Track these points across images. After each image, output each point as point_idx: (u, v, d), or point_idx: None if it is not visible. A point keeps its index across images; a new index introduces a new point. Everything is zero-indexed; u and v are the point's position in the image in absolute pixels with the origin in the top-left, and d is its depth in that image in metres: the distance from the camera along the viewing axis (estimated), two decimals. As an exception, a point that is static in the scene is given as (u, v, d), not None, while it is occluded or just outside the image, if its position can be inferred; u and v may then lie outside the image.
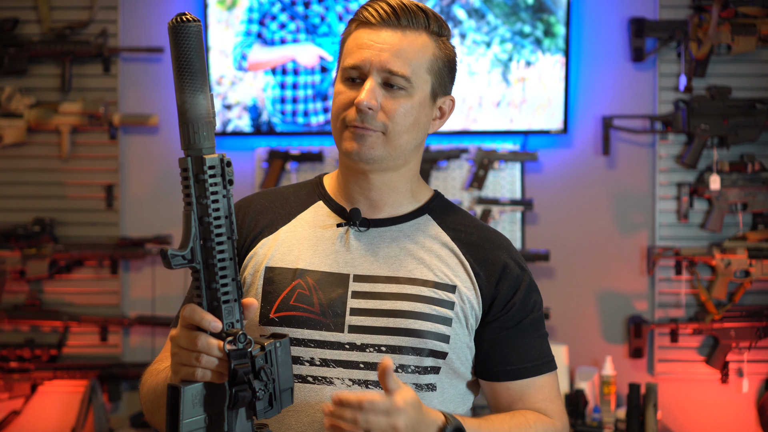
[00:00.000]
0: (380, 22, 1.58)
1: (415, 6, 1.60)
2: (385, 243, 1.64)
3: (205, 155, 1.29)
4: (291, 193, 1.72)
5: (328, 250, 1.62)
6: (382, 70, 1.57)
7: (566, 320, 3.86)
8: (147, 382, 1.60)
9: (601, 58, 3.84)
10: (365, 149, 1.58)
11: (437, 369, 1.60)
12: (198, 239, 1.30)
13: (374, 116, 1.57)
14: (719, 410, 3.82)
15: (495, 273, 1.64)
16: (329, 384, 1.56)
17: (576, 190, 3.87)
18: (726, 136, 3.73)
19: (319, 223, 1.66)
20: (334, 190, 1.70)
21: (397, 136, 1.59)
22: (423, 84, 1.61)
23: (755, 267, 3.67)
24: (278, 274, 1.60)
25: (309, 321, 1.58)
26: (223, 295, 1.31)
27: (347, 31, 1.63)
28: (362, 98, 1.55)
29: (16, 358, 3.79)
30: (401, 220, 1.66)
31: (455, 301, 1.61)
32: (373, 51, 1.57)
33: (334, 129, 1.62)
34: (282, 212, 1.68)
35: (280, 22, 3.77)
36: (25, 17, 3.85)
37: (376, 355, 1.57)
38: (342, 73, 1.60)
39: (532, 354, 1.65)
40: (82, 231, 3.89)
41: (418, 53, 1.59)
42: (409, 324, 1.57)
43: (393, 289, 1.60)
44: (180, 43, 1.28)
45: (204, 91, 1.30)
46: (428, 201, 1.70)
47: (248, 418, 1.36)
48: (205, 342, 1.31)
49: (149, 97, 3.89)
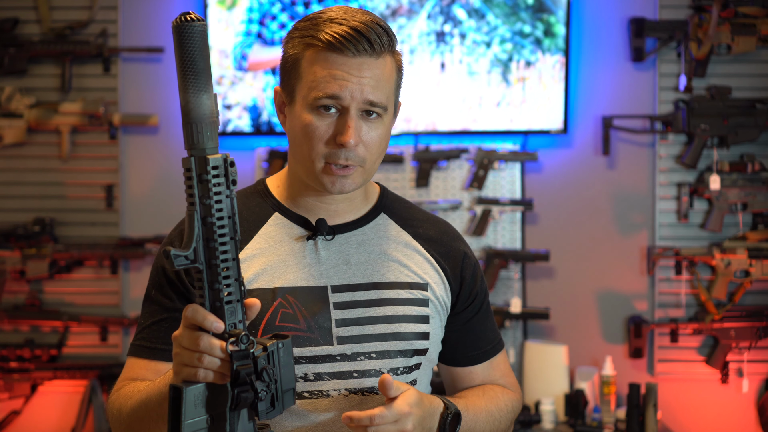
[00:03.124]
0: (355, 53, 1.53)
1: (378, 27, 1.55)
2: (353, 249, 1.64)
3: (208, 155, 1.29)
4: (241, 207, 1.64)
5: (301, 264, 1.61)
6: (363, 102, 1.54)
7: (566, 320, 3.87)
8: (128, 402, 1.53)
9: (601, 58, 3.84)
10: (347, 186, 1.58)
11: (419, 365, 1.65)
12: (201, 239, 1.30)
13: (356, 152, 1.55)
14: (719, 410, 3.82)
15: (458, 264, 1.69)
16: (326, 396, 1.58)
17: (576, 190, 3.87)
18: (726, 136, 3.73)
19: (283, 236, 1.64)
20: (286, 199, 1.67)
21: (373, 164, 1.60)
22: (391, 104, 1.61)
23: (755, 267, 3.67)
24: (257, 296, 1.56)
25: (298, 339, 1.57)
26: (225, 295, 1.31)
27: (300, 53, 1.56)
28: (348, 139, 1.53)
29: (16, 358, 3.79)
30: (361, 222, 1.67)
31: (429, 298, 1.65)
32: (353, 83, 1.53)
33: (305, 157, 1.57)
34: (240, 229, 1.60)
35: (280, 22, 3.77)
36: (25, 17, 3.85)
37: (367, 362, 1.59)
38: (312, 102, 1.54)
39: (489, 336, 1.76)
40: (82, 231, 3.89)
41: (389, 78, 1.58)
42: (394, 328, 1.61)
43: (372, 295, 1.62)
44: (184, 42, 1.27)
45: (208, 91, 1.29)
46: (379, 198, 1.72)
47: (250, 419, 1.35)
48: (207, 342, 1.30)
49: (149, 97, 3.89)
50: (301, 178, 1.63)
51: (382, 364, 1.60)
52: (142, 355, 1.61)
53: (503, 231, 3.85)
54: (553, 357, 3.68)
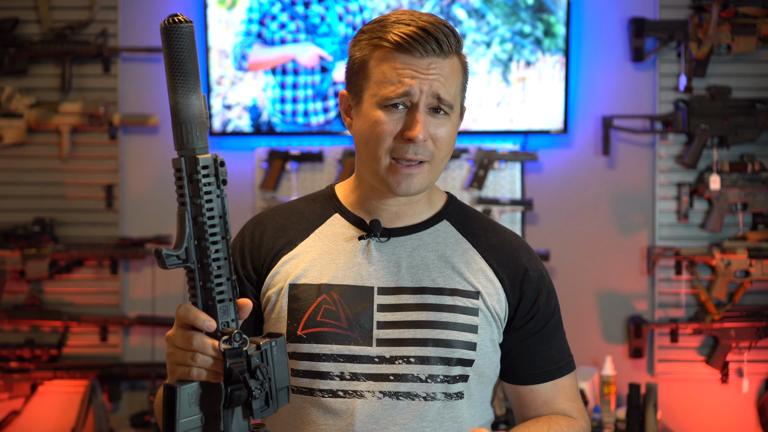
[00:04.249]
0: (423, 53, 1.55)
1: (445, 28, 1.57)
2: (407, 252, 1.64)
3: (198, 155, 1.29)
4: (305, 207, 1.70)
5: (351, 263, 1.62)
6: (432, 98, 1.56)
7: (566, 320, 3.80)
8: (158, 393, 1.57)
9: (601, 58, 3.83)
10: (413, 187, 1.58)
11: (465, 377, 1.61)
12: (192, 239, 1.30)
13: (425, 146, 1.57)
14: (719, 410, 3.81)
15: (518, 277, 1.65)
16: (360, 397, 1.58)
17: (576, 190, 3.87)
18: (726, 136, 3.73)
19: (338, 236, 1.66)
20: (350, 202, 1.69)
21: (441, 162, 1.61)
22: (458, 105, 1.62)
23: (755, 267, 3.67)
24: (303, 290, 1.61)
25: (337, 336, 1.58)
26: (217, 294, 1.31)
27: (368, 54, 1.59)
28: (417, 132, 1.54)
29: (16, 358, 3.80)
30: (420, 227, 1.66)
31: (479, 307, 1.62)
32: (421, 80, 1.55)
33: (372, 158, 1.58)
34: (299, 227, 1.67)
35: (280, 22, 3.78)
36: (25, 17, 3.85)
37: (405, 366, 1.58)
38: (381, 100, 1.56)
39: (555, 356, 1.69)
40: (82, 231, 3.89)
41: (456, 78, 1.60)
42: (436, 334, 1.59)
43: (418, 299, 1.60)
44: (172, 44, 1.28)
45: (197, 92, 1.30)
46: (444, 206, 1.70)
47: (245, 418, 1.36)
48: (200, 341, 1.31)
49: (149, 97, 3.89)
50: (366, 181, 1.64)
51: (420, 369, 1.58)
52: None
53: (503, 231, 3.84)
54: (552, 357, 3.68)
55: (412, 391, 1.58)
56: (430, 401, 1.58)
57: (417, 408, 1.57)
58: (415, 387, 1.58)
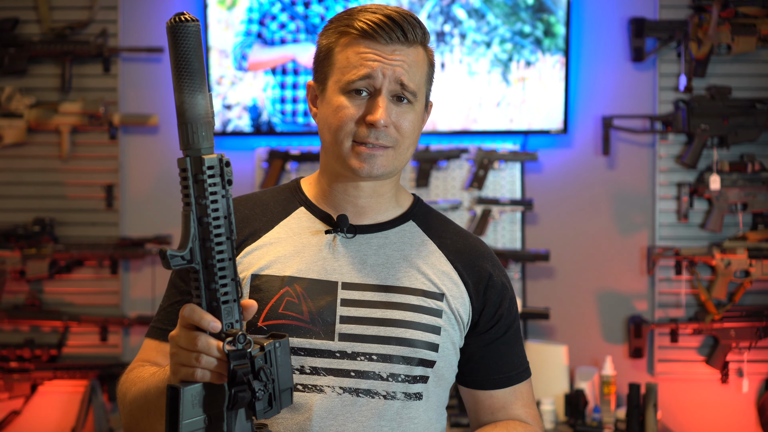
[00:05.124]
0: (387, 40, 1.56)
1: (411, 18, 1.59)
2: (373, 250, 1.63)
3: (203, 155, 1.29)
4: (270, 198, 1.70)
5: (316, 257, 1.61)
6: (395, 84, 1.57)
7: (566, 320, 3.86)
8: (132, 389, 1.56)
9: (601, 58, 3.84)
10: (376, 168, 1.58)
11: (426, 378, 1.61)
12: (197, 239, 1.30)
13: (387, 132, 1.57)
14: (719, 410, 3.82)
15: (482, 282, 1.65)
16: (319, 392, 1.56)
17: (576, 190, 3.87)
18: (726, 136, 3.73)
19: (304, 230, 1.65)
20: (315, 196, 1.69)
21: (405, 150, 1.61)
22: (422, 95, 1.62)
23: (755, 267, 3.67)
24: (265, 281, 1.59)
25: (298, 329, 1.57)
26: (222, 295, 1.31)
27: (334, 42, 1.60)
28: (378, 117, 1.55)
29: (16, 358, 3.80)
30: (387, 226, 1.66)
31: (443, 309, 1.61)
32: (385, 65, 1.56)
33: (334, 142, 1.59)
34: (263, 219, 1.66)
35: (280, 22, 3.77)
36: (25, 17, 3.85)
37: (367, 363, 1.57)
38: (344, 86, 1.57)
39: (515, 362, 1.70)
40: (82, 231, 3.89)
41: (421, 68, 1.60)
42: (400, 333, 1.58)
43: (382, 297, 1.60)
44: (178, 43, 1.27)
45: (203, 91, 1.29)
46: (411, 206, 1.70)
47: (248, 419, 1.35)
48: (204, 342, 1.30)
49: (149, 97, 3.89)
50: (331, 170, 1.64)
51: (382, 367, 1.57)
52: (155, 336, 1.63)
53: (503, 231, 3.85)
54: (553, 357, 3.68)
55: (372, 388, 1.57)
56: (390, 400, 1.57)
57: (376, 406, 1.56)
58: (375, 385, 1.57)
